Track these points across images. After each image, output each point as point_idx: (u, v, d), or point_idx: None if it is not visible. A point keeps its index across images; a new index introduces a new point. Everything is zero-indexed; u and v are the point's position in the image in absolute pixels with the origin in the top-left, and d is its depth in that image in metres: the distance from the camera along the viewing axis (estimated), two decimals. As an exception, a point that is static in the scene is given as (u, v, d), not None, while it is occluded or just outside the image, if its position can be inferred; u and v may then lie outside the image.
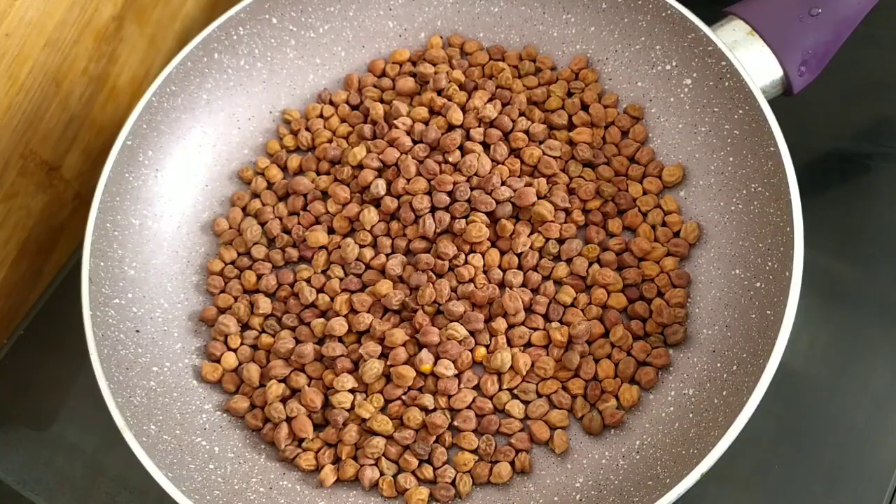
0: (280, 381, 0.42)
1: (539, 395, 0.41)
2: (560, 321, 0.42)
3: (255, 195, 0.47)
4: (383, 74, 0.50)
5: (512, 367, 0.41)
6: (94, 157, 0.51)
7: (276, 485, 0.40)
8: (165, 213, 0.46)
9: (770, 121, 0.40)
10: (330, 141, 0.48)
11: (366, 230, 0.44)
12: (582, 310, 0.42)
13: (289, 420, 0.41)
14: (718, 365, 0.38)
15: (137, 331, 0.42)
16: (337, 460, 0.40)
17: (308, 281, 0.44)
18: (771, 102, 0.40)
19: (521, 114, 0.47)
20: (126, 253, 0.43)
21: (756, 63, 0.42)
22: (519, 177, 0.44)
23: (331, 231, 0.45)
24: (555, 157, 0.45)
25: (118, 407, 0.37)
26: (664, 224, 0.43)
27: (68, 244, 0.52)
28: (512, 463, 0.39)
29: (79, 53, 0.47)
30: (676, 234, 0.43)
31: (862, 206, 0.47)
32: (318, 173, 0.47)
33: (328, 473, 0.39)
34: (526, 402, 0.40)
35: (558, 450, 0.39)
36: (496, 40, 0.50)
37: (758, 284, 0.39)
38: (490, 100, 0.47)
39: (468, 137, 0.46)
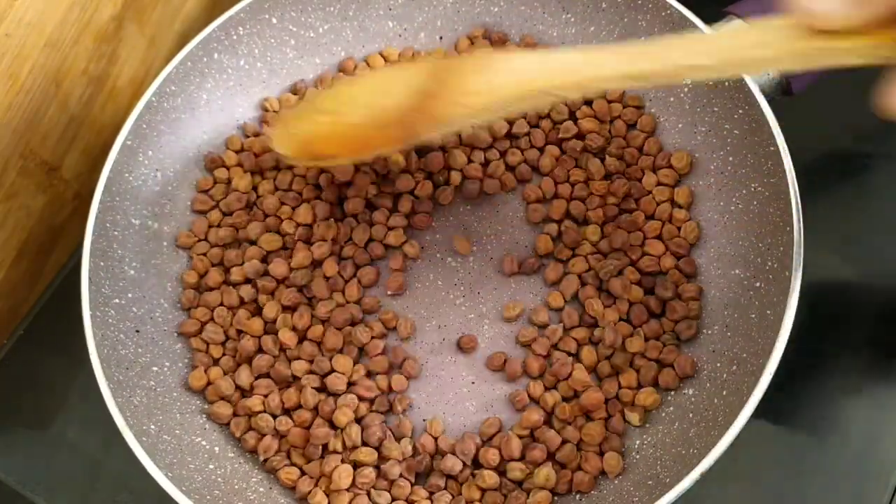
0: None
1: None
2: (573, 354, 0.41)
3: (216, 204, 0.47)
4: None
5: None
6: (94, 157, 0.51)
7: (275, 485, 0.40)
8: (165, 213, 0.46)
9: (770, 121, 0.39)
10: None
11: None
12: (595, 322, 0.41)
13: (279, 435, 0.40)
14: (718, 365, 0.38)
15: (137, 331, 0.42)
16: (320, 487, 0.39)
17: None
18: (771, 102, 0.40)
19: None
20: (126, 253, 0.43)
21: (756, 63, 0.42)
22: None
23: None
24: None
25: (118, 407, 0.37)
26: (670, 220, 0.43)
27: (68, 244, 0.52)
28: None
29: (79, 53, 0.47)
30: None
31: (862, 207, 0.47)
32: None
33: (319, 499, 0.38)
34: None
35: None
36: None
37: (758, 284, 0.39)
38: None
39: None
